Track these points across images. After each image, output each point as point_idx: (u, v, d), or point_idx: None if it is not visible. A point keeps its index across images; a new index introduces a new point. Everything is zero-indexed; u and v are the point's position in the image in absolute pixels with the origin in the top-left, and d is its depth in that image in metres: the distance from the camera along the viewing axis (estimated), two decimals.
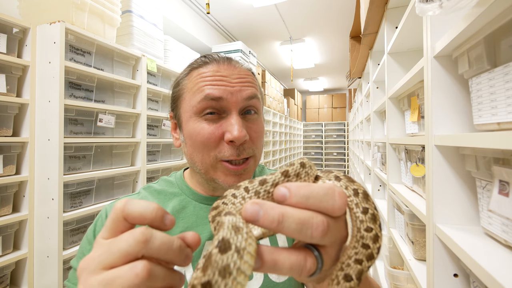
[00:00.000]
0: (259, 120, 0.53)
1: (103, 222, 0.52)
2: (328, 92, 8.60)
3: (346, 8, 3.14)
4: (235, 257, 0.18)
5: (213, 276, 0.17)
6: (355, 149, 3.95)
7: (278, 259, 0.21)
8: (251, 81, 0.52)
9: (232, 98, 0.48)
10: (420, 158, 0.98)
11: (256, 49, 4.47)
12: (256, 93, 0.51)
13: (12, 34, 1.31)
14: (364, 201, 0.24)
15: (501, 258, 0.50)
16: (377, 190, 1.91)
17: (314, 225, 0.20)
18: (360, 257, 0.22)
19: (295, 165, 0.25)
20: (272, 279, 0.51)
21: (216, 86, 0.47)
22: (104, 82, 1.60)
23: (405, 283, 1.08)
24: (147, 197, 0.56)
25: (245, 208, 0.20)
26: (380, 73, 1.60)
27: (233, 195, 0.26)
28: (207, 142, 0.48)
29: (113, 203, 0.55)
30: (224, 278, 0.17)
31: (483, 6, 0.46)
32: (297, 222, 0.20)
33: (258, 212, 0.20)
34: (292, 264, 0.21)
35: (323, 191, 0.21)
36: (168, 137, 2.20)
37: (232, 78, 0.49)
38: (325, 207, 0.21)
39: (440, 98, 0.69)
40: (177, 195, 0.56)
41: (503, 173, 0.50)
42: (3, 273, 1.27)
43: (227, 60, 0.52)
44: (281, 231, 0.20)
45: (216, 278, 0.17)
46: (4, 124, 1.29)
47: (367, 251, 0.23)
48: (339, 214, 0.22)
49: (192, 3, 2.91)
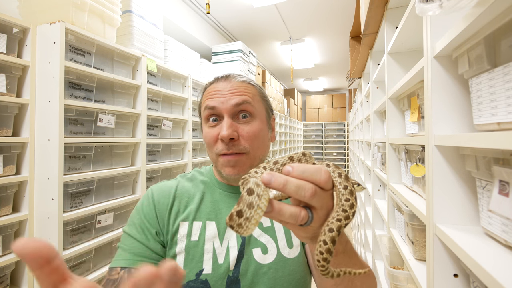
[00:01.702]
0: (254, 122, 0.62)
1: (148, 199, 0.65)
2: (328, 92, 8.60)
3: (346, 8, 3.14)
4: (256, 198, 0.29)
5: (244, 207, 0.29)
6: (355, 149, 3.95)
7: (282, 207, 0.31)
8: (242, 90, 0.62)
9: (222, 106, 0.60)
10: (420, 158, 0.98)
11: (256, 49, 4.47)
12: (246, 99, 0.61)
13: (12, 34, 1.31)
14: (345, 181, 0.34)
15: (501, 258, 0.50)
16: (377, 190, 1.91)
17: (306, 188, 0.31)
18: (340, 217, 0.32)
19: (298, 153, 0.37)
20: (284, 254, 0.61)
21: (213, 98, 0.62)
22: (104, 82, 1.60)
23: (405, 283, 1.08)
24: (183, 182, 0.69)
25: (263, 175, 0.31)
26: (380, 73, 1.60)
27: (255, 172, 0.37)
28: (210, 142, 0.62)
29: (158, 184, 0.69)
30: (250, 208, 0.29)
31: (483, 6, 0.46)
32: (295, 185, 0.30)
33: (271, 178, 0.30)
34: (291, 212, 0.31)
35: (314, 169, 0.32)
36: (168, 137, 2.20)
37: (225, 91, 0.62)
38: (315, 179, 0.31)
39: (440, 98, 0.69)
40: (205, 182, 0.69)
41: (503, 173, 0.50)
42: (3, 273, 1.27)
43: (226, 77, 0.65)
44: (284, 191, 0.30)
45: (245, 209, 0.29)
46: (4, 124, 1.29)
47: (345, 213, 0.32)
48: (324, 185, 0.32)
49: (192, 3, 2.91)
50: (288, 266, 0.60)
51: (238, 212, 0.29)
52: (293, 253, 0.62)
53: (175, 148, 2.29)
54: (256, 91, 0.66)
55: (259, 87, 0.69)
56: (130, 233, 0.61)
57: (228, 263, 0.58)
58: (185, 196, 0.66)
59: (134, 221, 0.63)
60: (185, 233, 0.61)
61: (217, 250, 0.60)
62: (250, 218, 0.29)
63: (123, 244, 0.60)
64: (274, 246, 0.62)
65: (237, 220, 0.29)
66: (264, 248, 0.61)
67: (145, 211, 0.63)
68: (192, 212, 0.63)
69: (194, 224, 0.62)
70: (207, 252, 0.59)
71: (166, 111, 2.18)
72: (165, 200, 0.64)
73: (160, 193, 0.65)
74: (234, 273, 0.58)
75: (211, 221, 0.63)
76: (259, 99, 0.66)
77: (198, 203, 0.64)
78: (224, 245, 0.61)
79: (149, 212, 0.63)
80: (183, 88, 2.40)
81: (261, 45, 4.37)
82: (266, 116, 0.67)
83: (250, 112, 0.62)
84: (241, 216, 0.29)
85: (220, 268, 0.58)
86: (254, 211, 0.29)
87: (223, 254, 0.59)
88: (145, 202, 0.65)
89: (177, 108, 2.34)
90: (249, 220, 0.29)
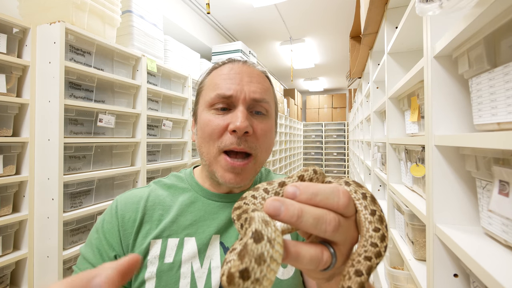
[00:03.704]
0: (268, 122, 0.55)
1: (111, 213, 0.54)
2: (328, 92, 8.60)
3: (346, 8, 3.14)
4: (267, 246, 0.20)
5: (250, 263, 0.19)
6: (355, 149, 3.95)
7: (300, 251, 0.23)
8: (262, 82, 0.54)
9: (240, 95, 0.51)
10: (420, 158, 0.98)
11: (256, 49, 4.46)
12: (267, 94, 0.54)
13: (12, 34, 1.31)
14: (372, 204, 0.26)
15: (501, 258, 0.50)
16: (377, 190, 1.91)
17: (328, 221, 0.23)
18: (369, 255, 0.24)
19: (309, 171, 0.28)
20: (278, 276, 0.52)
21: (229, 82, 0.51)
22: (104, 82, 1.60)
23: (405, 283, 1.08)
24: (157, 190, 0.58)
25: (268, 203, 0.22)
26: (380, 73, 1.60)
27: (252, 196, 0.28)
28: (213, 132, 0.51)
29: (125, 193, 0.58)
30: (259, 265, 0.19)
31: (483, 6, 0.46)
32: (313, 217, 0.22)
33: (280, 207, 0.22)
34: (311, 256, 0.23)
35: (329, 190, 0.24)
36: (168, 137, 2.20)
37: (244, 76, 0.52)
38: (331, 204, 0.24)
39: (440, 98, 0.69)
40: (187, 190, 0.58)
41: (503, 173, 0.50)
42: (3, 273, 1.27)
43: (243, 61, 0.56)
44: (299, 225, 0.22)
45: (253, 265, 0.19)
46: (4, 124, 1.29)
47: (375, 249, 0.25)
48: (344, 211, 0.24)
49: (192, 3, 2.91)
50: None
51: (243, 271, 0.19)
52: (287, 274, 0.53)
53: (175, 148, 2.29)
54: (272, 88, 0.59)
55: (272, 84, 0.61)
56: (85, 255, 0.51)
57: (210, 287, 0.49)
58: (158, 208, 0.54)
59: (91, 241, 0.52)
60: (157, 253, 0.50)
61: (196, 273, 0.49)
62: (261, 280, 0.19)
63: (77, 268, 0.51)
64: None
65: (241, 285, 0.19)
66: None
67: (106, 229, 0.52)
68: (167, 227, 0.52)
69: (169, 241, 0.51)
70: (183, 277, 0.49)
71: (166, 111, 2.18)
72: (132, 215, 0.53)
73: (125, 206, 0.54)
74: None
75: (190, 237, 0.52)
76: (273, 97, 0.59)
77: (174, 216, 0.53)
78: (205, 266, 0.50)
79: (110, 230, 0.52)
80: (183, 88, 2.40)
81: (261, 45, 4.37)
82: (275, 117, 0.60)
83: (267, 107, 0.54)
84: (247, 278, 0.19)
85: None
86: (267, 268, 0.20)
87: (204, 277, 0.49)
88: (106, 217, 0.54)
89: (177, 108, 2.34)
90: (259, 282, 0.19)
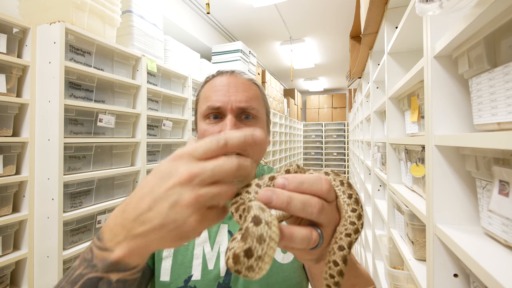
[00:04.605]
0: (257, 124, 0.60)
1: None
2: (328, 92, 8.60)
3: (346, 8, 3.14)
4: (266, 228, 0.24)
5: (252, 243, 0.23)
6: (355, 149, 3.95)
7: (293, 232, 0.26)
8: (247, 89, 0.60)
9: (228, 105, 0.57)
10: (420, 158, 0.98)
11: (256, 49, 4.46)
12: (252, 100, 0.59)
13: (12, 34, 1.31)
14: (348, 189, 0.31)
15: (501, 258, 0.50)
16: (377, 190, 1.91)
17: (313, 204, 0.27)
18: (349, 232, 0.28)
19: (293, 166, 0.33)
20: (277, 259, 0.58)
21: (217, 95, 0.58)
22: (104, 82, 1.60)
23: (405, 283, 1.08)
24: None
25: (261, 194, 0.26)
26: (380, 73, 1.60)
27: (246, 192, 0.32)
28: None
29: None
30: (260, 244, 0.23)
31: (483, 6, 0.46)
32: (301, 202, 0.26)
33: (271, 196, 0.26)
34: (303, 235, 0.27)
35: (313, 178, 0.28)
36: (168, 137, 2.20)
37: (231, 87, 0.58)
38: (316, 190, 0.28)
39: (440, 98, 0.69)
40: None
41: (503, 173, 0.50)
42: (3, 273, 1.27)
43: (231, 72, 0.63)
44: (289, 210, 0.26)
45: (255, 245, 0.23)
46: (4, 124, 1.29)
47: (353, 226, 0.29)
48: (327, 196, 0.28)
49: (192, 3, 2.91)
50: (282, 272, 0.58)
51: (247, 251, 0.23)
52: (287, 258, 0.59)
53: (175, 148, 2.29)
54: (260, 93, 0.64)
55: (261, 88, 0.67)
56: None
57: (218, 269, 0.56)
58: None
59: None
60: None
61: (207, 255, 0.58)
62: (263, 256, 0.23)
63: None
64: None
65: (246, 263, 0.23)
66: None
67: None
68: None
69: None
70: (196, 258, 0.57)
71: (166, 111, 2.18)
72: None
73: None
74: (225, 279, 0.56)
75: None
76: (261, 102, 0.64)
77: None
78: (215, 250, 0.58)
79: None
80: (183, 88, 2.40)
81: (261, 45, 4.37)
82: (266, 120, 0.65)
83: (254, 112, 0.59)
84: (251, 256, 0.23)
85: (210, 275, 0.56)
86: (267, 246, 0.23)
87: (214, 259, 0.57)
88: None
89: (177, 108, 2.34)
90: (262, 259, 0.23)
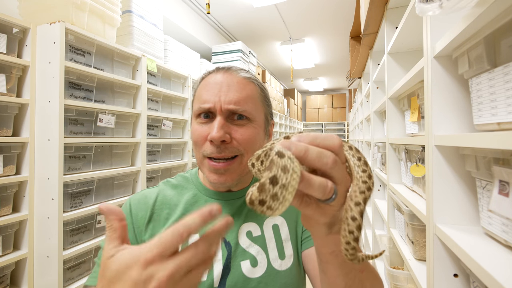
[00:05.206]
0: (249, 125, 0.57)
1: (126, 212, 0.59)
2: (328, 92, 8.60)
3: (346, 8, 3.14)
4: (289, 161, 0.25)
5: (278, 172, 0.24)
6: None
7: (312, 177, 0.27)
8: (242, 88, 0.57)
9: (217, 106, 0.54)
10: (420, 158, 0.98)
11: (256, 49, 4.46)
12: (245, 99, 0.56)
13: (12, 34, 1.31)
14: (357, 153, 0.32)
15: (501, 258, 0.50)
16: (377, 190, 1.91)
17: (328, 155, 0.28)
18: (363, 189, 0.30)
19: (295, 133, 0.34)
20: (275, 267, 0.57)
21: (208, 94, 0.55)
22: (104, 82, 1.60)
23: (405, 283, 1.08)
24: (165, 191, 0.63)
25: (279, 143, 0.27)
26: (380, 73, 1.60)
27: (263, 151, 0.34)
28: (197, 140, 0.57)
29: (137, 194, 0.63)
30: (285, 173, 0.24)
31: (483, 6, 0.46)
32: (316, 152, 0.27)
33: (290, 146, 0.27)
34: (320, 182, 0.27)
35: (324, 135, 0.30)
36: (168, 137, 2.20)
37: (223, 86, 0.56)
38: (328, 144, 0.29)
39: (440, 98, 0.69)
40: (191, 189, 0.64)
41: (503, 173, 0.50)
42: (3, 273, 1.27)
43: (227, 69, 0.59)
44: (306, 159, 0.27)
45: (279, 173, 0.24)
46: (4, 124, 1.29)
47: (366, 185, 0.30)
48: (338, 149, 0.29)
49: (192, 3, 2.91)
50: (279, 280, 0.56)
51: (272, 178, 0.24)
52: (285, 265, 0.57)
53: (175, 148, 2.29)
54: (258, 91, 0.60)
55: (262, 87, 0.62)
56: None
57: (211, 279, 0.53)
58: (165, 207, 0.60)
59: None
60: None
61: None
62: (287, 185, 0.24)
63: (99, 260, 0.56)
64: (264, 257, 0.57)
65: (271, 190, 0.24)
66: (254, 260, 0.56)
67: None
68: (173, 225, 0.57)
69: None
70: None
71: (166, 111, 2.18)
72: (143, 214, 0.59)
73: (137, 206, 0.60)
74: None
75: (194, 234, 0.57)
76: (260, 101, 0.60)
77: (180, 215, 0.58)
78: None
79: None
80: (183, 88, 2.40)
81: (261, 45, 4.37)
82: (264, 121, 0.61)
83: (247, 114, 0.56)
84: (276, 183, 0.24)
85: (202, 286, 0.53)
86: (291, 176, 0.24)
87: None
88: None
89: (177, 108, 2.34)
90: (286, 188, 0.24)
